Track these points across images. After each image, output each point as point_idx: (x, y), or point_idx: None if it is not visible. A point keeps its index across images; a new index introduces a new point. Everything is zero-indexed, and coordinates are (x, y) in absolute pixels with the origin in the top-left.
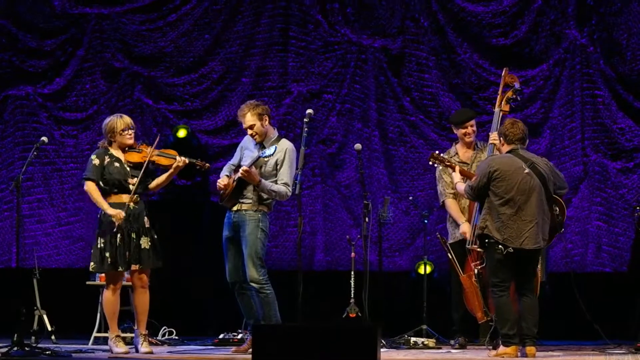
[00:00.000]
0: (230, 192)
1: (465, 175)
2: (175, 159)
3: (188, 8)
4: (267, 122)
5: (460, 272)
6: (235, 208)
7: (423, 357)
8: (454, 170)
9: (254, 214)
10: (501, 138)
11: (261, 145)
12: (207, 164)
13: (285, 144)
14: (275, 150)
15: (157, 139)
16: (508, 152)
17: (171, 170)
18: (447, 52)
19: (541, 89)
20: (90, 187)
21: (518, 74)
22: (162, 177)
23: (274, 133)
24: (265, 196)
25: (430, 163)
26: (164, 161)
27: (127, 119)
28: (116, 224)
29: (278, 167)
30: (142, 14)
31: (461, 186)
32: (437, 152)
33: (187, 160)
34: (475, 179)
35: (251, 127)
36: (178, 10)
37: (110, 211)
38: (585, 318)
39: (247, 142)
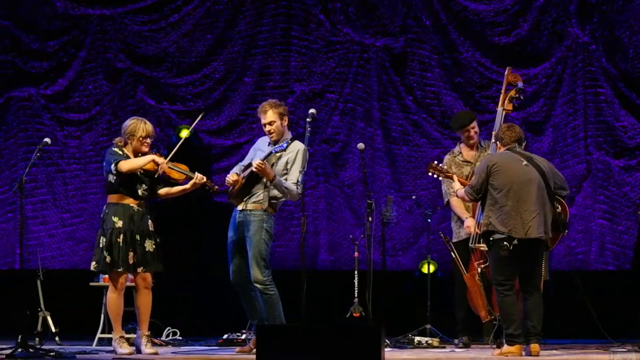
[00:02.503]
0: (238, 189)
1: (464, 185)
2: (186, 174)
3: (190, 8)
4: (286, 122)
5: (463, 271)
6: (241, 207)
7: (427, 357)
8: (452, 180)
9: (260, 214)
10: (497, 142)
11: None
12: (217, 187)
13: (298, 145)
14: (287, 145)
15: (175, 149)
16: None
17: (188, 186)
18: (449, 51)
19: (543, 87)
20: (126, 164)
21: (520, 72)
22: (176, 189)
23: (289, 135)
24: (274, 194)
25: (430, 174)
26: (175, 175)
27: (150, 128)
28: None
29: (289, 166)
30: (144, 15)
31: (461, 192)
32: (435, 162)
33: (204, 179)
34: (475, 178)
35: (271, 123)
36: (180, 10)
37: (158, 158)
38: (589, 316)
39: (261, 144)
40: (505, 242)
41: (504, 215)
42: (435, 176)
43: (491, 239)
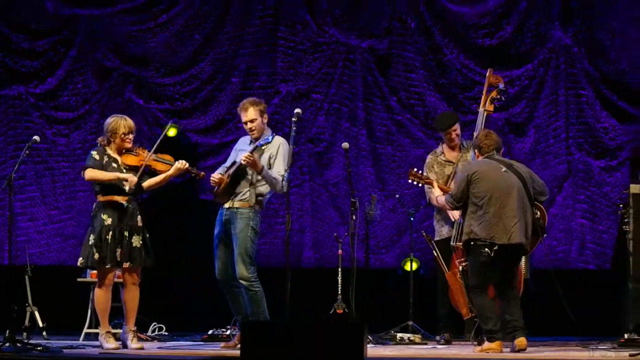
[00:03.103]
0: (224, 188)
1: (444, 191)
2: (171, 164)
3: (178, 9)
4: (266, 120)
5: (445, 269)
6: (227, 205)
7: (409, 353)
8: (432, 187)
9: (246, 212)
10: (476, 150)
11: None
12: (203, 173)
13: (279, 140)
14: (272, 139)
15: (159, 140)
16: (484, 158)
17: (171, 172)
18: (433, 53)
19: (526, 88)
20: (90, 172)
21: (503, 74)
22: (159, 178)
23: (269, 131)
24: (261, 191)
25: (410, 181)
26: (160, 166)
27: (130, 123)
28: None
29: (271, 160)
30: (133, 15)
31: (442, 199)
32: (415, 169)
33: (187, 164)
34: (455, 186)
35: (252, 121)
36: (168, 11)
37: (123, 175)
38: (568, 314)
39: (242, 144)
40: (486, 249)
41: (485, 222)
42: (415, 183)
43: (472, 244)
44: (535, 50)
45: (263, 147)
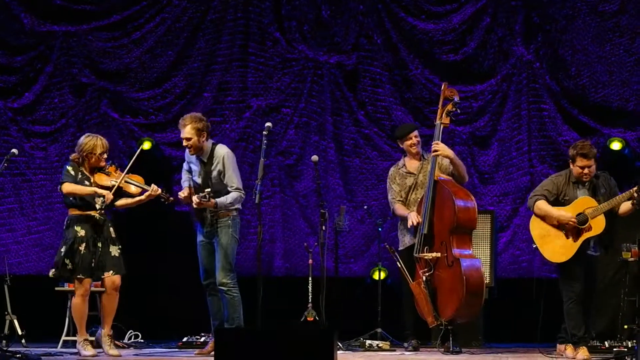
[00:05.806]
0: (196, 211)
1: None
2: (141, 187)
3: (152, 26)
4: (204, 139)
5: (409, 279)
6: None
7: (378, 359)
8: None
9: (225, 220)
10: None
11: (200, 160)
12: (172, 198)
13: (221, 152)
14: (207, 156)
15: (131, 162)
16: None
17: (142, 197)
18: (399, 68)
19: (489, 103)
20: (68, 187)
21: (467, 88)
22: (131, 200)
23: (208, 147)
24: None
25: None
26: (131, 188)
27: (106, 143)
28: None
29: (222, 176)
30: (108, 32)
31: (597, 212)
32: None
33: (159, 191)
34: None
35: (188, 139)
36: (142, 28)
37: (100, 190)
38: (532, 321)
39: (189, 155)
40: None
41: None
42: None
43: None
44: (498, 66)
45: (212, 168)
